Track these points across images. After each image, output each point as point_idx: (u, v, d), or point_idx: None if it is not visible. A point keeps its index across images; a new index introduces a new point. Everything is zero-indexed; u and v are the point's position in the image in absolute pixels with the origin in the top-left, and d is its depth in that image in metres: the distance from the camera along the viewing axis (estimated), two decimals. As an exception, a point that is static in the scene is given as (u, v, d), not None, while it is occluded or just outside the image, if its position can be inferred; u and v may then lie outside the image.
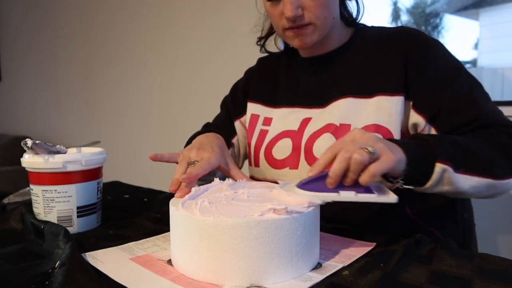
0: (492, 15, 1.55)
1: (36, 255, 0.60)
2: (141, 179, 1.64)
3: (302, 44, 0.77)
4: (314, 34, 0.76)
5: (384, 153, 0.53)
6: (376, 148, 0.53)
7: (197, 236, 0.49)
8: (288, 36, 0.78)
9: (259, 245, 0.47)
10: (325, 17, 0.75)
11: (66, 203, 0.71)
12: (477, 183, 0.62)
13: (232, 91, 1.01)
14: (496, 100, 1.45)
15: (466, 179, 0.61)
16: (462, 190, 0.62)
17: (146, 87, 2.37)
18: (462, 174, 0.61)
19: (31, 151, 0.69)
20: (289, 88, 0.87)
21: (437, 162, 0.59)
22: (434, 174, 0.59)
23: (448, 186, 0.61)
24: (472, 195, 0.67)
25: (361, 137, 0.56)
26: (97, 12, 2.64)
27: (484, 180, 0.62)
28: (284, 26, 0.76)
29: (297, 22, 0.74)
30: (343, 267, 0.52)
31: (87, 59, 2.76)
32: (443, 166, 0.59)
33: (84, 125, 2.85)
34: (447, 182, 0.60)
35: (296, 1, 0.72)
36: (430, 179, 0.59)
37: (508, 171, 0.64)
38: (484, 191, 0.64)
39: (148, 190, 1.10)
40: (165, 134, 2.27)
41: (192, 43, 2.09)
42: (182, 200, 0.56)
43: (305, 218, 0.49)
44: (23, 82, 3.45)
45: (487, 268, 0.51)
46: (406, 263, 0.53)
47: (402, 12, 1.80)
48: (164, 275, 0.51)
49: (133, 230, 0.72)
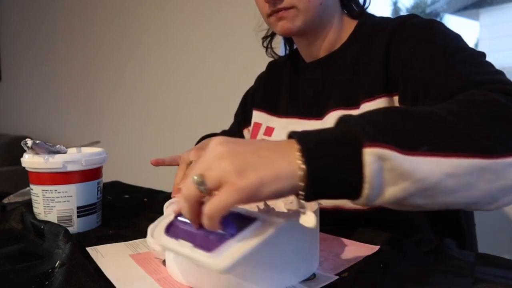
0: (492, 15, 1.55)
1: (36, 255, 0.60)
2: (141, 179, 1.64)
3: (284, 30, 0.71)
4: (296, 19, 0.69)
5: (229, 177, 0.34)
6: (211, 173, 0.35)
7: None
8: (271, 22, 0.72)
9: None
10: (308, 0, 0.68)
11: (66, 203, 0.71)
12: (457, 168, 0.37)
13: (243, 99, 0.98)
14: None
15: (432, 164, 0.36)
16: (432, 184, 0.37)
17: (146, 87, 2.37)
18: (423, 156, 0.36)
19: (31, 151, 0.69)
20: (291, 96, 0.83)
21: (364, 147, 0.35)
22: (366, 167, 0.35)
23: (403, 182, 0.36)
24: (461, 194, 0.38)
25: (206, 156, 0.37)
26: (97, 12, 2.64)
27: (466, 160, 0.37)
28: (267, 12, 0.71)
29: (276, 5, 0.68)
30: (339, 278, 0.50)
31: (87, 59, 2.76)
32: (376, 151, 0.35)
33: (84, 125, 2.85)
34: (397, 178, 0.36)
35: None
36: (363, 180, 0.36)
37: (509, 143, 0.39)
38: (475, 181, 0.38)
39: (148, 190, 1.10)
40: (165, 134, 2.27)
41: (192, 43, 2.09)
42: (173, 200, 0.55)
43: (289, 227, 0.42)
44: (23, 82, 3.45)
45: (487, 268, 0.51)
46: (406, 263, 0.53)
47: (402, 12, 1.79)
48: (152, 274, 0.51)
49: (133, 230, 0.72)
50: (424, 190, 0.37)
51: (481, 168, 0.38)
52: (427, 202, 0.39)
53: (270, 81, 0.90)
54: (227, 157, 0.35)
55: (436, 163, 0.37)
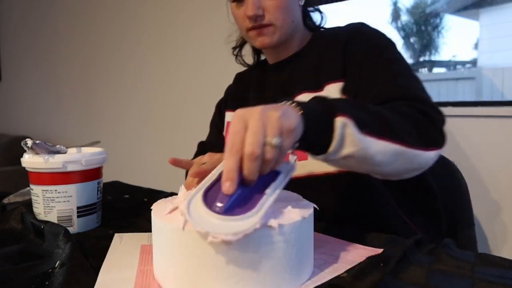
0: (492, 15, 1.55)
1: (36, 255, 0.60)
2: (141, 179, 1.64)
3: (263, 44, 0.83)
4: (275, 35, 0.82)
5: (283, 128, 0.45)
6: (275, 130, 0.45)
7: (154, 233, 0.50)
8: (251, 36, 0.84)
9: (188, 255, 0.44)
10: (284, 19, 0.81)
11: (66, 203, 0.71)
12: (385, 148, 0.55)
13: (217, 109, 1.06)
14: (496, 100, 1.45)
15: (373, 142, 0.54)
16: (368, 154, 0.54)
17: (146, 87, 2.37)
18: (369, 136, 0.54)
19: (31, 151, 0.69)
20: (258, 94, 0.93)
21: (337, 116, 0.52)
22: (336, 129, 0.51)
23: (353, 146, 0.52)
24: (382, 167, 0.58)
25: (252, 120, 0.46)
26: (97, 12, 2.64)
27: (393, 145, 0.56)
28: (247, 26, 0.82)
29: (258, 21, 0.80)
30: (338, 278, 0.49)
31: (87, 59, 2.76)
32: (343, 120, 0.51)
33: (84, 125, 2.85)
34: (350, 141, 0.52)
35: (257, 1, 0.79)
36: (333, 137, 0.51)
37: (419, 141, 0.59)
38: (394, 161, 0.58)
39: (148, 190, 1.10)
40: (165, 134, 2.27)
41: (192, 43, 2.09)
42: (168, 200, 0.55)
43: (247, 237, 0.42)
44: (23, 82, 3.45)
45: (487, 268, 0.51)
46: (406, 263, 0.53)
47: (402, 12, 1.80)
48: (141, 265, 0.54)
49: (133, 230, 0.72)
50: (363, 158, 0.55)
51: (400, 153, 0.57)
52: (361, 166, 0.58)
53: (238, 87, 1.01)
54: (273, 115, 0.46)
55: (373, 142, 0.54)
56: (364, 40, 0.78)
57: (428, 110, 0.64)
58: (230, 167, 0.44)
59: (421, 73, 1.80)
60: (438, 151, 0.62)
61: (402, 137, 0.57)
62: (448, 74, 1.72)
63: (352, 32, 0.81)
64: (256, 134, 0.44)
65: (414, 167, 0.62)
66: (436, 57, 1.76)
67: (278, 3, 0.79)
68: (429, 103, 0.66)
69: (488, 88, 1.56)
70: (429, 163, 0.63)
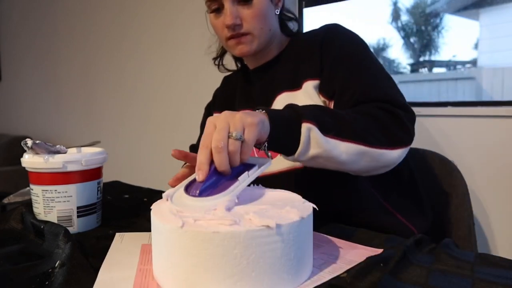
0: (492, 15, 1.55)
1: (36, 255, 0.60)
2: (141, 179, 1.64)
3: (242, 53, 0.86)
4: (253, 43, 0.85)
5: (245, 124, 0.53)
6: (237, 126, 0.53)
7: (153, 233, 0.51)
8: (230, 45, 0.87)
9: (186, 255, 0.44)
10: (261, 28, 0.84)
11: (66, 203, 0.71)
12: (348, 148, 0.62)
13: (206, 110, 1.08)
14: (496, 100, 1.45)
15: (337, 144, 0.62)
16: (333, 154, 0.62)
17: (146, 87, 2.37)
18: (331, 138, 0.61)
19: (31, 151, 0.69)
20: (243, 99, 0.96)
21: (303, 122, 0.59)
22: (302, 133, 0.59)
23: (318, 148, 0.60)
24: (349, 165, 0.65)
25: (219, 121, 0.54)
26: (97, 12, 2.64)
27: (356, 146, 0.63)
28: (226, 36, 0.85)
29: (236, 30, 0.83)
30: (338, 278, 0.49)
31: (87, 59, 2.76)
32: (308, 125, 0.59)
33: (84, 125, 2.85)
34: (315, 143, 0.60)
35: (235, 11, 0.82)
36: (300, 140, 0.59)
37: (384, 141, 0.66)
38: (359, 160, 0.65)
39: (148, 190, 1.10)
40: (165, 134, 2.27)
41: (192, 43, 2.09)
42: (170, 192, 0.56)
43: (245, 237, 0.44)
44: (23, 82, 3.45)
45: (487, 268, 0.51)
46: (406, 263, 0.53)
47: (402, 12, 1.80)
48: (141, 265, 0.55)
49: (133, 230, 0.72)
50: (329, 158, 0.62)
51: (363, 152, 0.64)
52: (329, 165, 0.65)
53: (225, 90, 1.05)
54: (236, 114, 0.54)
55: (337, 143, 0.62)
56: (339, 41, 0.82)
57: (396, 110, 0.69)
58: (201, 160, 0.53)
59: (421, 73, 1.80)
60: (405, 149, 0.69)
61: (364, 138, 0.64)
62: (448, 74, 1.72)
63: (327, 33, 0.84)
64: (221, 131, 0.52)
65: (380, 165, 0.68)
66: (436, 57, 1.76)
67: (255, 12, 0.83)
68: (399, 103, 0.71)
69: (488, 88, 1.56)
70: (396, 161, 0.69)
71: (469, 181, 0.95)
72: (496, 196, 1.25)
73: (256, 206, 0.52)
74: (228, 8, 0.82)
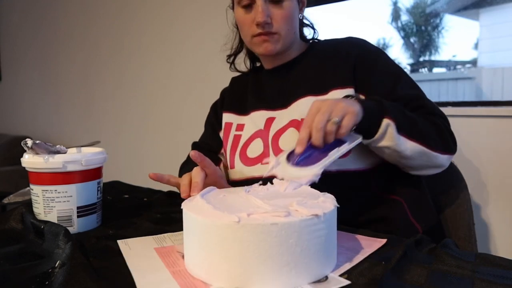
0: (492, 15, 1.55)
1: (36, 255, 0.60)
2: (141, 179, 1.64)
3: (267, 51, 0.87)
4: (278, 43, 0.87)
5: (346, 112, 0.65)
6: (339, 113, 0.64)
7: (190, 233, 0.51)
8: (256, 42, 0.88)
9: (243, 248, 0.46)
10: (288, 29, 0.87)
11: (66, 203, 0.71)
12: (413, 147, 0.73)
13: (212, 109, 1.08)
14: (496, 100, 1.45)
15: (405, 141, 0.72)
16: (400, 149, 0.72)
17: (146, 88, 2.37)
18: (403, 136, 0.72)
19: (31, 151, 0.69)
20: (256, 95, 0.97)
21: (385, 117, 0.70)
22: (381, 126, 0.70)
23: (390, 141, 0.71)
24: (408, 160, 0.76)
25: (324, 106, 0.66)
26: (97, 12, 2.64)
27: (419, 146, 0.74)
28: (253, 33, 0.86)
29: (266, 28, 0.85)
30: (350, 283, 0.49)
31: (87, 60, 2.76)
32: (388, 121, 0.70)
33: (84, 125, 2.85)
34: (389, 137, 0.71)
35: (266, 9, 0.84)
36: (378, 131, 0.70)
37: (441, 147, 0.76)
38: (418, 157, 0.75)
39: (148, 190, 1.10)
40: (165, 134, 2.27)
41: (192, 44, 2.09)
42: (194, 196, 0.59)
43: (299, 226, 0.47)
44: (23, 82, 3.45)
45: (487, 268, 0.51)
46: (406, 263, 0.53)
47: (402, 12, 1.80)
48: (169, 267, 0.54)
49: (133, 230, 0.72)
50: (395, 150, 0.73)
51: (424, 152, 0.75)
52: (392, 155, 0.75)
53: (235, 90, 1.04)
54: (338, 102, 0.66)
55: (406, 141, 0.73)
56: (373, 55, 0.88)
57: (445, 122, 0.81)
58: (302, 136, 0.65)
59: (421, 73, 1.80)
60: (451, 156, 0.79)
61: (427, 141, 0.74)
62: (448, 74, 1.73)
63: (359, 45, 0.90)
64: (324, 114, 0.64)
65: (432, 165, 0.78)
66: (436, 57, 1.76)
67: (285, 13, 0.85)
68: (443, 114, 0.83)
69: (488, 88, 1.56)
70: (445, 165, 0.79)
71: (469, 181, 0.95)
72: (496, 196, 1.25)
73: (292, 198, 0.55)
74: (260, 5, 0.83)
